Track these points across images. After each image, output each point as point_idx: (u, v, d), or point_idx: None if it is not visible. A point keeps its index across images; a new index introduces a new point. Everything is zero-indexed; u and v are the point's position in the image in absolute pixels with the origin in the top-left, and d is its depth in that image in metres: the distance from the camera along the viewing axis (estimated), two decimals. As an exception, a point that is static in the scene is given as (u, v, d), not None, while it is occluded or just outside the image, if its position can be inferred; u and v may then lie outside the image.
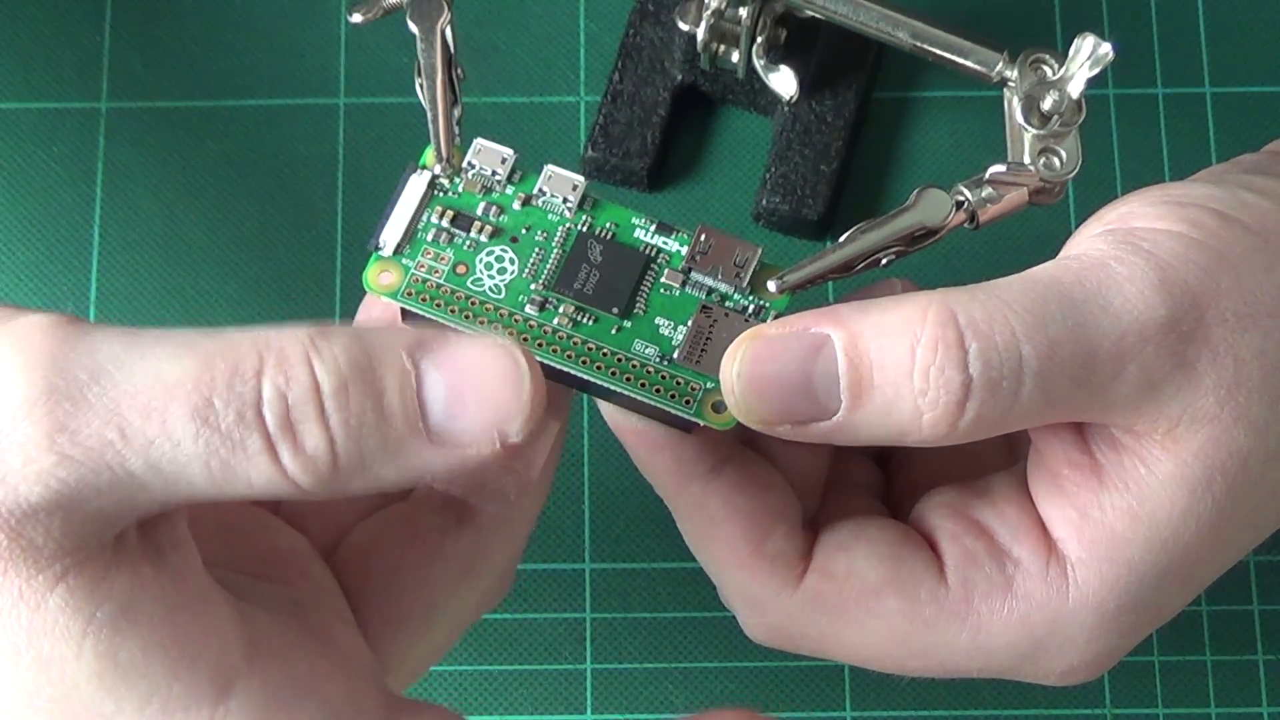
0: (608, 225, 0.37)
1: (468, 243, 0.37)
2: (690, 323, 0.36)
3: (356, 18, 0.39)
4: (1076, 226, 0.38)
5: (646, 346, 0.36)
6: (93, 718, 0.30)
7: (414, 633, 0.36)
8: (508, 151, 0.38)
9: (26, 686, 0.30)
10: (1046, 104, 0.38)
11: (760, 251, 0.37)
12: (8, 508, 0.29)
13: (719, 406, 0.36)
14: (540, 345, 0.36)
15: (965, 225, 0.38)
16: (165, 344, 0.30)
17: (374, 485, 0.31)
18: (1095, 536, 0.35)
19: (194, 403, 0.29)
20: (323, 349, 0.30)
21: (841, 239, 0.37)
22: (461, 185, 0.37)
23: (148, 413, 0.29)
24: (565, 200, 0.37)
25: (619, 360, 0.36)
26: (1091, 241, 0.36)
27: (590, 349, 0.36)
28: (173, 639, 0.30)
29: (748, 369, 0.34)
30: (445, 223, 0.37)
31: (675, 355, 0.36)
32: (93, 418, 0.29)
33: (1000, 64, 0.41)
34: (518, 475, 0.37)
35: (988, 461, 0.40)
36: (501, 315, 0.36)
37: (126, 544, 0.31)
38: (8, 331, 0.30)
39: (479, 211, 0.37)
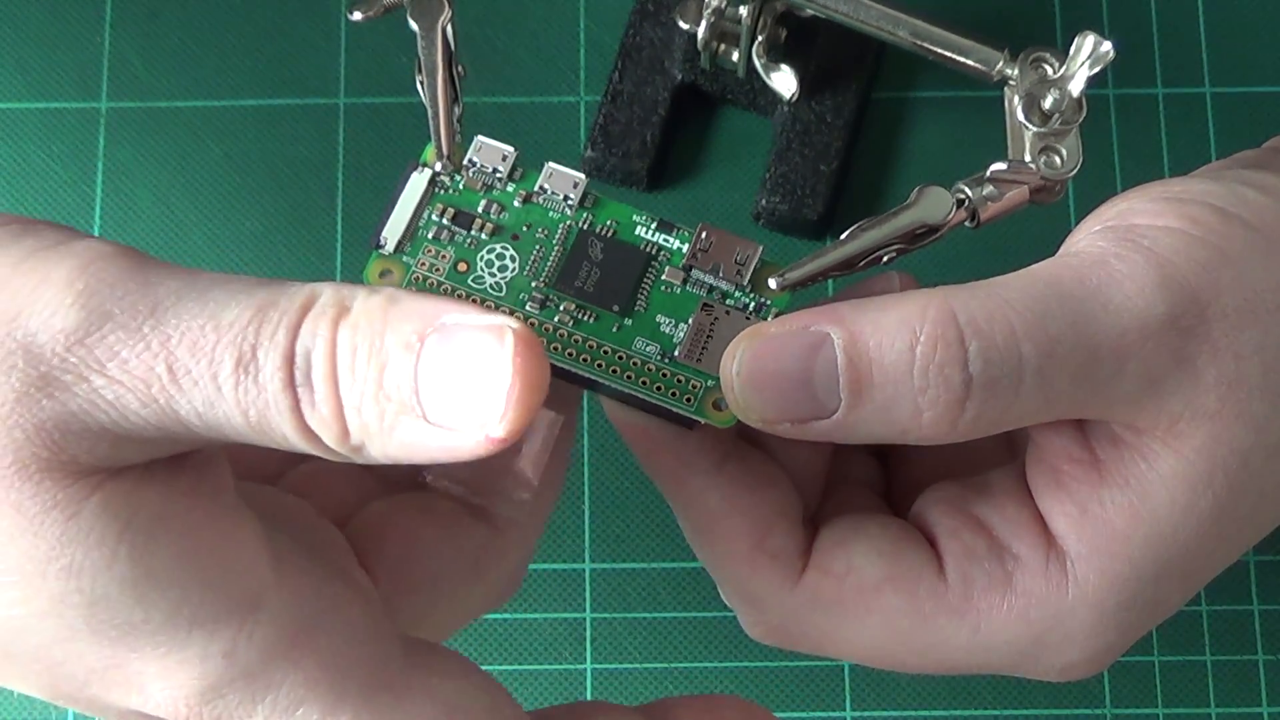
0: (608, 223, 0.37)
1: (469, 240, 0.37)
2: (691, 320, 0.36)
3: (357, 15, 0.39)
4: (1076, 226, 0.38)
5: (647, 344, 0.36)
6: (119, 626, 0.30)
7: (420, 607, 0.36)
8: (509, 149, 0.38)
9: (54, 593, 0.29)
10: (1047, 102, 0.38)
11: (761, 249, 0.37)
12: (54, 422, 0.29)
13: (720, 404, 0.36)
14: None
15: (966, 223, 0.38)
16: (224, 287, 0.30)
17: (392, 455, 0.30)
18: (1095, 532, 0.35)
19: (241, 350, 0.29)
20: (355, 309, 0.30)
21: (843, 236, 0.37)
22: (462, 183, 0.37)
23: (197, 354, 0.29)
24: (566, 198, 0.37)
25: (620, 358, 0.36)
26: (1091, 239, 0.36)
27: (591, 347, 0.36)
28: (206, 550, 0.30)
29: (747, 367, 0.34)
30: (446, 220, 0.37)
31: (676, 353, 0.36)
32: (144, 350, 0.29)
33: (1001, 62, 0.41)
34: (518, 475, 0.37)
35: (987, 458, 0.40)
36: (502, 313, 0.36)
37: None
38: (72, 253, 0.30)
39: (480, 209, 0.37)
